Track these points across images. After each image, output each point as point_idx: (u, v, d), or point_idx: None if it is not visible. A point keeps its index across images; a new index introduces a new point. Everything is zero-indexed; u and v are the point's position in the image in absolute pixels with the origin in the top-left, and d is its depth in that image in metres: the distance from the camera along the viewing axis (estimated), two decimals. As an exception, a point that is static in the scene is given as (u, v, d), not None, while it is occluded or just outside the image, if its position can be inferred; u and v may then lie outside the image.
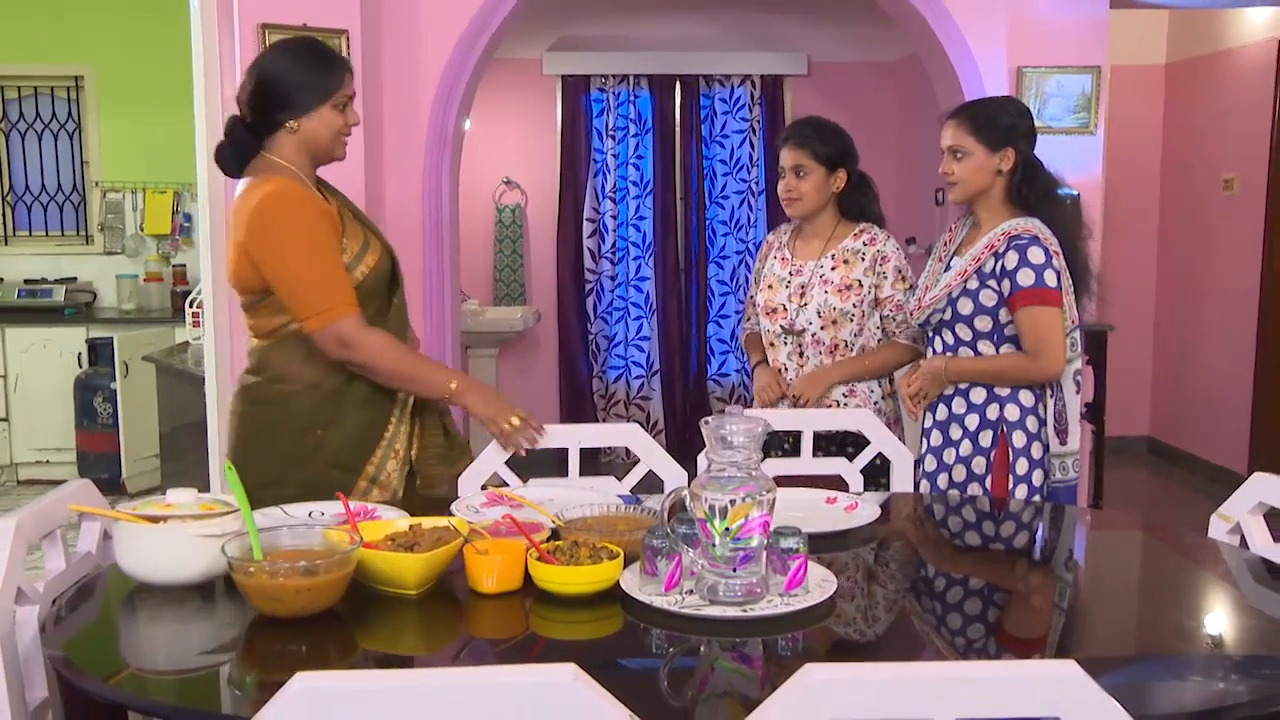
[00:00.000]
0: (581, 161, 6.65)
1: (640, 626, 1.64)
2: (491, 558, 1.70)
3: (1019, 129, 2.68)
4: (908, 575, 2.02)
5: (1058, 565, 2.11)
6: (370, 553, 1.69)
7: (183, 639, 1.67)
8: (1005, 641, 1.68)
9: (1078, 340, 2.71)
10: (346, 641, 1.66)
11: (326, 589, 1.59)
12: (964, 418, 2.71)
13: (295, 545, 1.71)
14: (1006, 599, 1.89)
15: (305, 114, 2.38)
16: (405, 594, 1.70)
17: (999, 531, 2.32)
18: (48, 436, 6.08)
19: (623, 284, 6.79)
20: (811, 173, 2.99)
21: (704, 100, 6.67)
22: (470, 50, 4.28)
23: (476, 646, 1.68)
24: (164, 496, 1.81)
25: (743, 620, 1.61)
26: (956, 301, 2.69)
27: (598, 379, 6.83)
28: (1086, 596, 1.92)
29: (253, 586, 1.58)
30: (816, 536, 2.00)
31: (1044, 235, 2.62)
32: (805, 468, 2.59)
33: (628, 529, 1.84)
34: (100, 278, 6.52)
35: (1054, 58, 4.35)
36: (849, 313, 2.98)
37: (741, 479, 1.63)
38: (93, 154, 6.57)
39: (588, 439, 2.52)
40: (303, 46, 2.47)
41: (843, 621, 1.69)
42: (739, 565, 1.63)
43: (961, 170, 2.69)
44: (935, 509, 2.46)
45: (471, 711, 1.07)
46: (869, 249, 3.00)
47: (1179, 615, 1.78)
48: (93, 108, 6.53)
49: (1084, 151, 4.44)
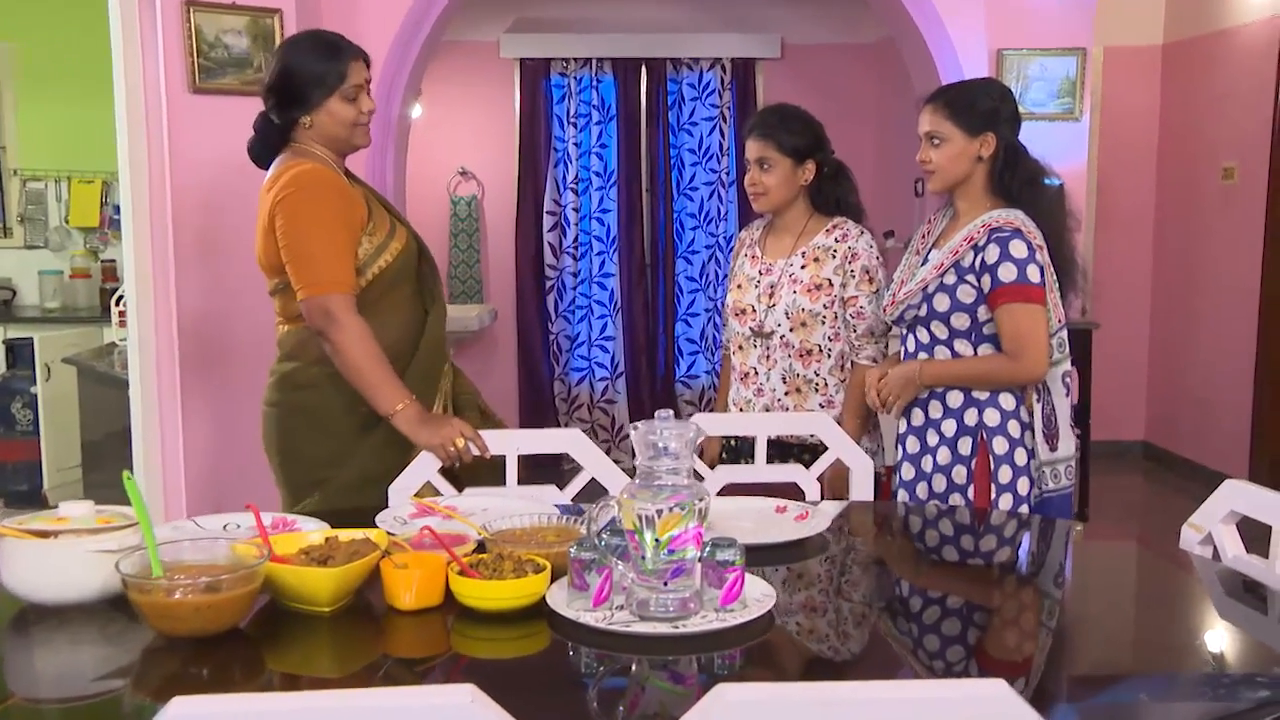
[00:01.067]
0: (541, 151, 6.66)
1: (567, 644, 1.64)
2: (410, 572, 1.70)
3: (1001, 113, 2.65)
4: (855, 589, 2.03)
5: (1010, 580, 2.12)
6: (279, 567, 1.69)
7: (74, 664, 1.65)
8: (943, 659, 1.69)
9: (1064, 340, 2.68)
10: (253, 662, 1.65)
11: (229, 606, 1.59)
12: (940, 423, 2.67)
13: (199, 560, 1.70)
14: (950, 613, 1.90)
15: (315, 109, 2.58)
16: (318, 611, 1.70)
17: (955, 542, 2.33)
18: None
19: (585, 281, 6.80)
20: (777, 165, 2.98)
21: (671, 85, 6.69)
22: (415, 33, 4.29)
23: (394, 667, 1.68)
24: (56, 509, 1.80)
25: (674, 637, 1.62)
26: (932, 297, 2.65)
27: (559, 381, 6.83)
28: (1037, 612, 1.94)
29: (148, 605, 1.58)
30: (763, 548, 2.03)
31: (1027, 228, 2.58)
32: (760, 475, 2.60)
33: (558, 540, 1.85)
34: (20, 274, 6.48)
35: (1036, 39, 4.38)
36: (819, 314, 2.96)
37: (673, 488, 1.64)
38: (10, 139, 6.51)
39: (526, 445, 2.53)
40: (308, 41, 2.69)
41: (783, 637, 1.70)
42: (670, 579, 1.64)
43: (939, 157, 2.67)
44: (893, 519, 2.47)
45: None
46: (841, 245, 2.98)
47: (1148, 632, 1.80)
48: (9, 88, 6.47)
49: (1069, 139, 4.47)
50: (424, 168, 6.66)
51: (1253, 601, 1.84)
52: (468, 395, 2.82)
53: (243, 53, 3.73)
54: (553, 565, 1.75)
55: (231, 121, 3.80)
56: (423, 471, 2.43)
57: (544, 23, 6.57)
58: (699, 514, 1.64)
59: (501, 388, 6.68)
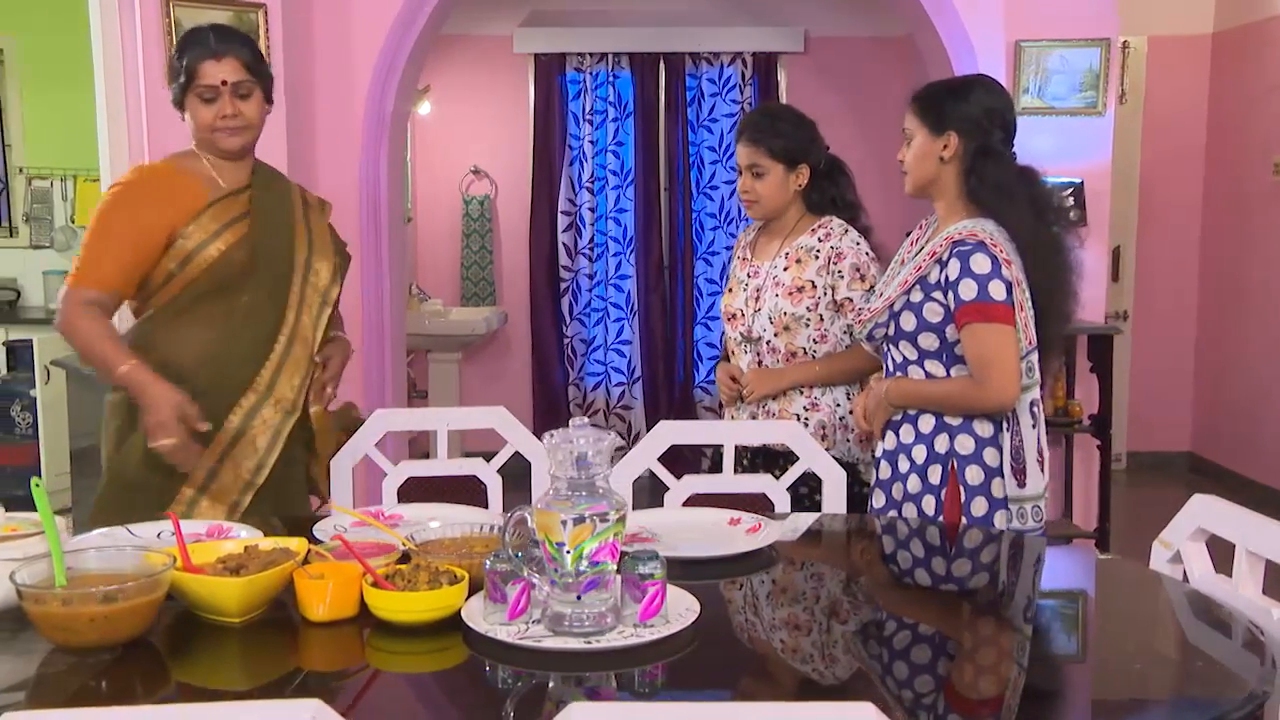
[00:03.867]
0: (556, 148, 6.68)
1: (481, 659, 1.65)
2: (322, 583, 1.71)
3: (969, 113, 2.53)
4: (792, 604, 2.02)
5: (959, 597, 2.10)
6: (186, 576, 1.71)
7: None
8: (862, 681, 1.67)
9: (1034, 365, 2.55)
10: (158, 674, 1.68)
11: (126, 617, 1.61)
12: (911, 449, 2.57)
13: (106, 569, 1.72)
14: (887, 632, 1.89)
15: (182, 106, 2.60)
16: (229, 621, 1.72)
17: (921, 558, 2.31)
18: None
19: (601, 283, 6.81)
20: (769, 171, 2.96)
21: (690, 81, 6.68)
22: (409, 27, 4.33)
23: (306, 680, 1.69)
24: (-34, 517, 1.83)
25: (588, 653, 1.62)
26: (899, 316, 2.56)
27: (574, 386, 6.85)
28: (978, 630, 1.92)
29: (41, 616, 1.60)
30: (708, 561, 2.03)
31: (992, 240, 2.46)
32: (728, 485, 2.59)
33: (484, 552, 1.85)
34: (25, 274, 6.58)
35: (1057, 30, 4.33)
36: (802, 317, 2.93)
37: (587, 498, 1.64)
38: (15, 136, 6.60)
39: (455, 422, 2.75)
40: (186, 34, 2.66)
41: (706, 653, 1.69)
42: (584, 592, 1.64)
43: (908, 157, 2.60)
44: (860, 533, 2.45)
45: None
46: (824, 245, 2.94)
47: (1104, 654, 1.78)
48: (14, 85, 6.55)
49: (1092, 134, 4.42)
50: (435, 166, 6.73)
51: (1217, 623, 1.81)
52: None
53: (225, 49, 3.77)
54: (474, 577, 1.76)
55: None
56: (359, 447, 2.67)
57: (559, 16, 6.59)
58: (614, 526, 1.64)
59: (515, 392, 6.71)
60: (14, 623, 1.73)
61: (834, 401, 2.97)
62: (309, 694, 1.61)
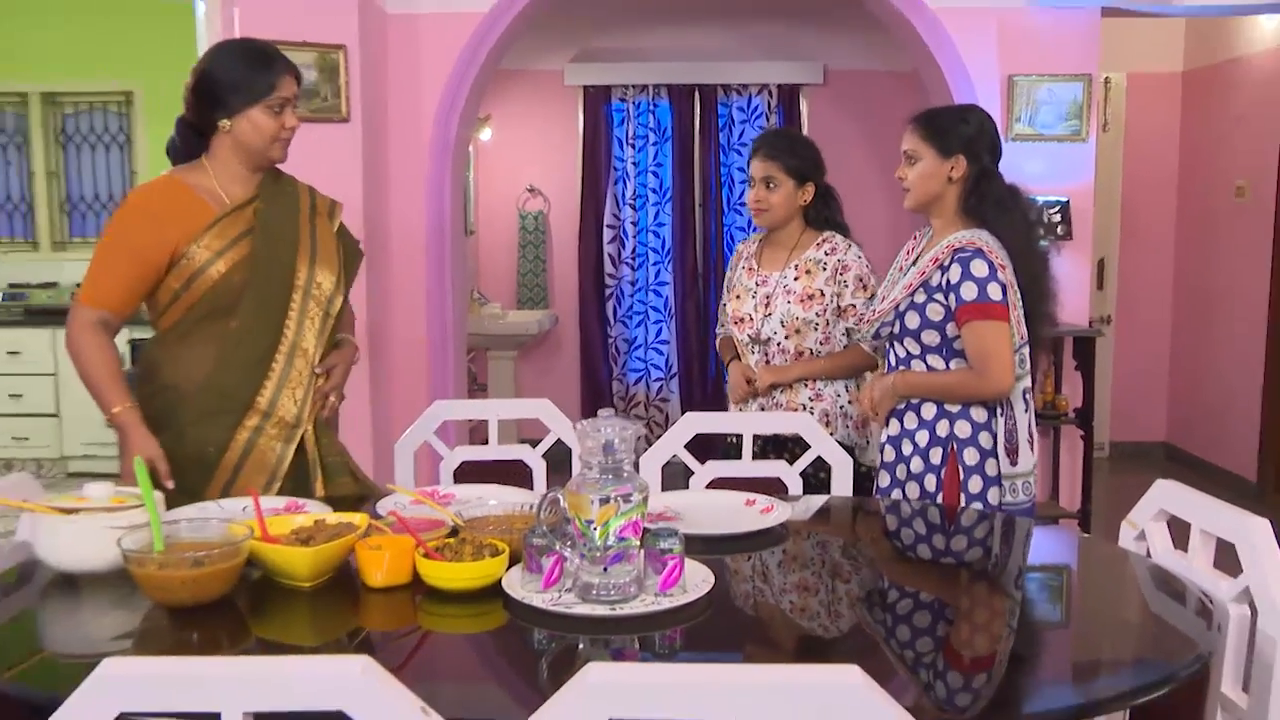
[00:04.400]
0: (602, 169, 6.67)
1: (519, 623, 1.65)
2: (380, 553, 1.72)
3: (974, 139, 2.56)
4: (801, 576, 2.00)
5: (950, 571, 2.07)
6: (264, 546, 1.71)
7: (92, 626, 1.70)
8: (863, 644, 1.65)
9: (1026, 357, 2.57)
10: (240, 630, 1.69)
11: (212, 580, 1.62)
12: (915, 433, 2.58)
13: (196, 538, 1.73)
14: (886, 602, 1.86)
15: (236, 114, 2.34)
16: (300, 586, 1.73)
17: (920, 536, 2.28)
18: (93, 433, 6.20)
19: (642, 289, 6.80)
20: (781, 185, 2.97)
21: (721, 109, 6.65)
22: (470, 64, 4.33)
23: (366, 638, 1.70)
24: (80, 490, 1.85)
25: (612, 619, 1.61)
26: (904, 315, 2.57)
27: (618, 381, 6.84)
28: (980, 603, 1.89)
29: (143, 577, 1.62)
30: (724, 538, 2.01)
31: (989, 248, 2.49)
32: (746, 470, 2.57)
33: (524, 527, 1.85)
34: (147, 282, 6.66)
35: (1045, 66, 4.28)
36: (812, 321, 2.95)
37: (613, 480, 1.63)
38: (141, 164, 6.71)
39: (504, 412, 2.76)
40: (241, 47, 2.44)
41: (720, 620, 1.68)
42: (610, 564, 1.63)
43: (913, 175, 2.59)
44: (866, 514, 2.43)
45: (266, 699, 1.08)
46: (830, 258, 2.96)
47: (1077, 620, 1.75)
48: (141, 122, 6.67)
49: (1076, 159, 4.36)
50: (495, 185, 6.74)
51: (1174, 593, 1.77)
52: (337, 458, 2.48)
53: (310, 85, 3.79)
54: (514, 550, 1.75)
55: (299, 146, 3.88)
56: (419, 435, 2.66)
57: (605, 53, 6.58)
58: (637, 505, 1.63)
59: (564, 387, 6.71)
60: (124, 582, 1.75)
61: (835, 393, 2.98)
62: (369, 651, 1.63)
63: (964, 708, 1.42)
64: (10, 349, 6.18)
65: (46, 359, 6.19)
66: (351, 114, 3.88)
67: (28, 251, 6.77)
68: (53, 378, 6.21)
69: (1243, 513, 1.71)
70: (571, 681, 1.07)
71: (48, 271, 6.66)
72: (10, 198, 6.78)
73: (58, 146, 6.76)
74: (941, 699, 1.42)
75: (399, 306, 4.32)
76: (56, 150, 6.76)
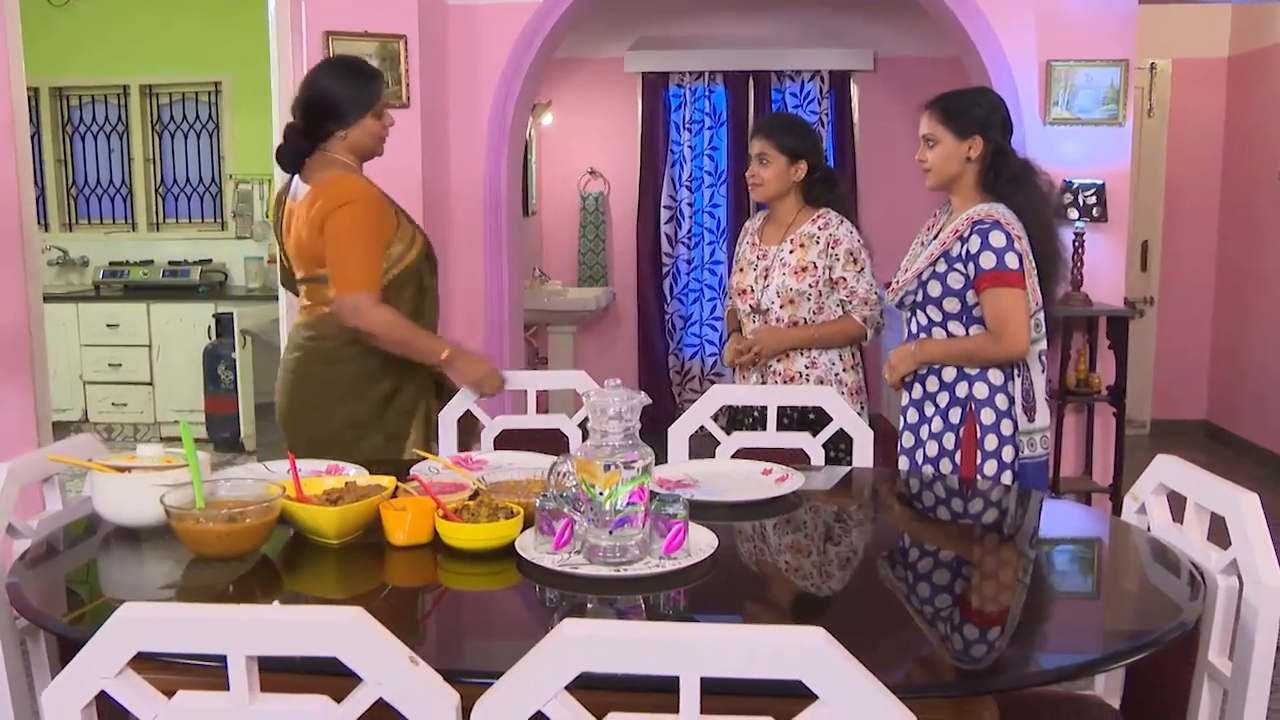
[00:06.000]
0: (660, 153, 6.64)
1: (530, 582, 1.66)
2: (403, 514, 1.74)
3: (989, 119, 2.61)
4: (804, 541, 1.98)
5: (964, 541, 2.04)
6: (295, 505, 1.75)
7: (143, 574, 1.76)
8: (858, 609, 1.64)
9: (1041, 321, 2.62)
10: (274, 583, 1.73)
11: (246, 535, 1.66)
12: (935, 395, 2.65)
13: (233, 496, 1.77)
14: (882, 563, 1.84)
15: (352, 124, 2.60)
16: (329, 543, 1.76)
17: (927, 505, 2.25)
18: (183, 399, 6.37)
19: (698, 267, 6.77)
20: (773, 161, 3.02)
21: (775, 95, 6.58)
22: (525, 52, 4.33)
23: (390, 593, 1.72)
24: (134, 449, 1.90)
25: (616, 579, 1.61)
26: (926, 284, 2.63)
27: (674, 356, 6.83)
28: (985, 572, 1.86)
29: (182, 531, 1.66)
30: (737, 505, 2.01)
31: (1006, 220, 2.54)
32: (770, 441, 2.56)
33: (540, 491, 1.86)
34: (232, 260, 6.81)
35: (1082, 51, 4.15)
36: (805, 292, 3.00)
37: (619, 448, 1.63)
38: (229, 150, 6.84)
39: (542, 383, 2.81)
40: (345, 65, 2.70)
41: (722, 581, 1.68)
42: (615, 528, 1.64)
43: (933, 157, 2.64)
44: (883, 484, 2.41)
45: (265, 644, 1.11)
46: (824, 233, 3.02)
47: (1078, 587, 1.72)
48: (229, 110, 6.80)
49: (1113, 142, 4.23)
50: (557, 168, 6.75)
51: (1168, 564, 1.73)
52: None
53: (373, 72, 3.82)
54: (529, 513, 1.77)
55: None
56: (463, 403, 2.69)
57: (663, 40, 6.54)
58: (641, 472, 1.63)
59: (622, 361, 6.72)
60: (175, 536, 1.80)
61: (830, 361, 3.05)
62: (392, 605, 1.66)
63: (946, 672, 1.41)
64: (110, 322, 6.36)
65: (142, 331, 6.37)
66: (412, 100, 3.91)
67: (126, 232, 6.95)
68: (147, 349, 6.38)
69: (1235, 488, 1.67)
70: (548, 635, 1.08)
71: (145, 250, 6.84)
72: (113, 182, 6.96)
73: (154, 134, 6.92)
74: (926, 659, 1.41)
75: (459, 283, 4.36)
76: (153, 138, 6.92)
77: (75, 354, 6.38)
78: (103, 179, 6.98)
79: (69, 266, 6.88)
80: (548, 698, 1.08)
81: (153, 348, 6.40)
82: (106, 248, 6.88)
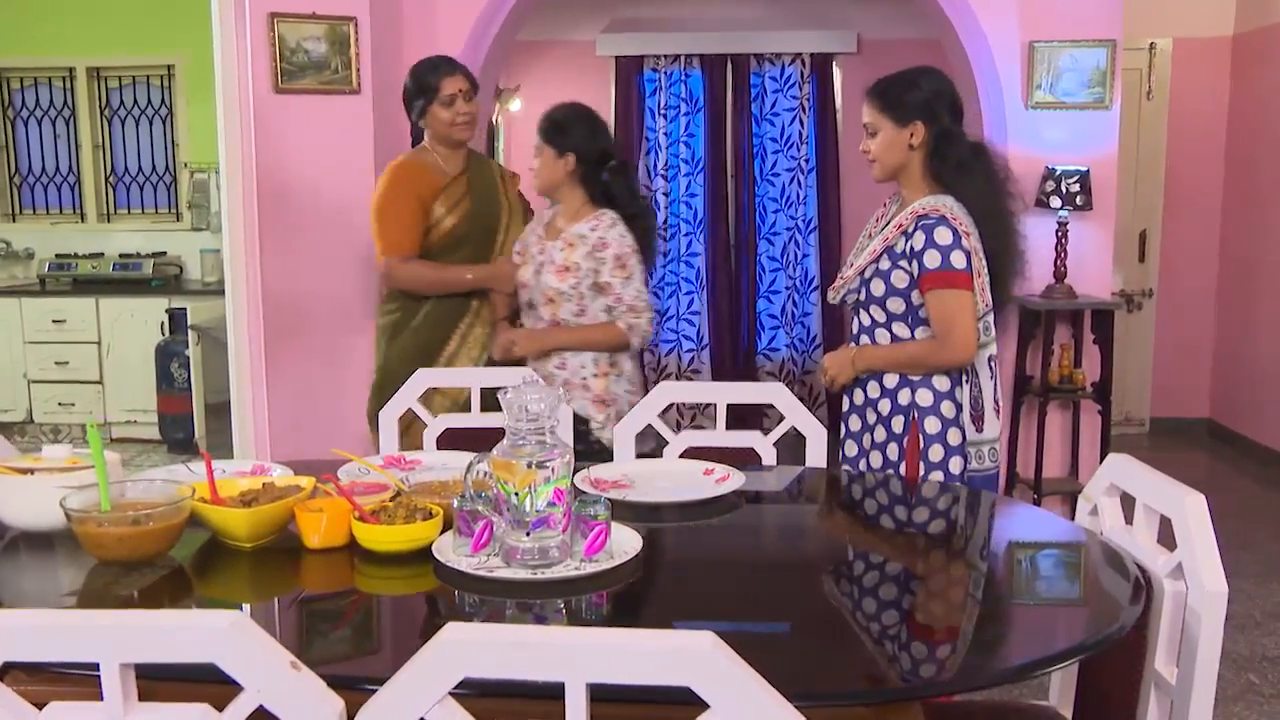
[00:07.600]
0: (635, 140, 6.65)
1: (448, 586, 1.68)
2: (317, 515, 1.76)
3: (930, 103, 2.53)
4: (737, 542, 2.00)
5: (904, 546, 2.07)
6: (205, 507, 1.77)
7: (46, 581, 1.77)
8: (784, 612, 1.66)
9: (991, 324, 2.56)
10: (184, 588, 1.74)
11: (149, 538, 1.67)
12: (877, 402, 2.59)
13: (141, 498, 1.79)
14: (807, 570, 1.87)
15: (425, 114, 3.21)
16: (242, 546, 1.77)
17: (870, 506, 2.27)
18: (135, 398, 6.38)
19: (674, 260, 6.79)
20: (542, 152, 3.06)
21: (754, 79, 6.60)
22: (485, 33, 4.34)
23: (304, 598, 1.74)
24: (39, 451, 1.91)
25: (534, 583, 1.63)
26: (869, 283, 2.56)
27: (649, 353, 6.84)
28: (920, 576, 1.88)
29: (83, 535, 1.68)
30: (671, 506, 2.03)
31: (953, 214, 2.47)
32: (720, 440, 2.58)
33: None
34: (188, 252, 6.80)
35: (1067, 31, 4.17)
36: (565, 293, 3.01)
37: (536, 447, 1.65)
38: (182, 137, 6.84)
39: (485, 380, 2.80)
40: (419, 64, 3.27)
41: (645, 585, 1.70)
42: (533, 529, 1.65)
43: (875, 147, 2.58)
44: (827, 484, 2.42)
45: (140, 651, 1.12)
46: (593, 234, 3.01)
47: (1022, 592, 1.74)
48: (183, 94, 6.79)
49: (1100, 127, 4.25)
50: (527, 157, 6.71)
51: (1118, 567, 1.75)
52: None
53: (320, 57, 3.84)
54: (449, 514, 1.78)
55: (310, 118, 3.94)
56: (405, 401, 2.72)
57: (637, 23, 6.55)
58: (559, 472, 1.65)
59: (596, 356, 6.72)
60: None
61: (580, 364, 3.06)
62: (307, 610, 1.67)
63: (873, 673, 1.43)
64: (56, 317, 6.36)
65: (91, 327, 6.37)
66: (362, 86, 3.92)
67: (75, 223, 6.95)
68: (96, 346, 6.39)
69: (1182, 489, 1.69)
70: (430, 641, 1.10)
71: (95, 242, 6.84)
72: (59, 170, 6.96)
73: (103, 120, 6.91)
74: (853, 664, 1.43)
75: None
76: (102, 123, 6.91)
77: (19, 351, 6.39)
78: (49, 167, 6.97)
79: (12, 259, 6.87)
80: (430, 704, 1.10)
81: (102, 344, 6.40)
82: (53, 239, 6.88)
